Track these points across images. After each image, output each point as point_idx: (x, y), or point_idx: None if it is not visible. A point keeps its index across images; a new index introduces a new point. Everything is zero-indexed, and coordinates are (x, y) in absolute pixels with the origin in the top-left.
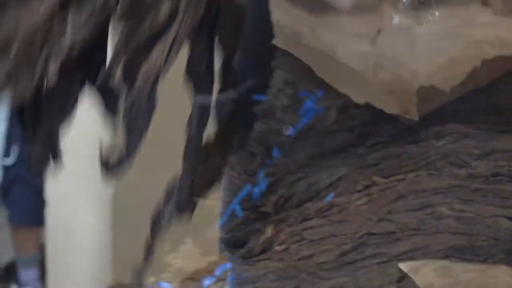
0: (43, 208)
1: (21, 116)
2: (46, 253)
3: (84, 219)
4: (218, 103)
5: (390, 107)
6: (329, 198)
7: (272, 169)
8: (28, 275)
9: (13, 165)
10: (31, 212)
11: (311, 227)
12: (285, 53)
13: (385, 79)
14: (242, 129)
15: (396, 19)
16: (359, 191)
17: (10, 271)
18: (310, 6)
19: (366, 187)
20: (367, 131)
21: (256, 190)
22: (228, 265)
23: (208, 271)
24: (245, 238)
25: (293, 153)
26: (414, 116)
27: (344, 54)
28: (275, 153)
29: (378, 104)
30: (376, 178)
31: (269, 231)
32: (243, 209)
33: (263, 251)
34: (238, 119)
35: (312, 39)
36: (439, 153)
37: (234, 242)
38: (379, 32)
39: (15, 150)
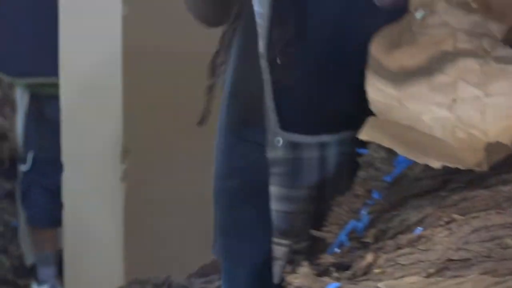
0: (59, 209)
1: None
2: (63, 252)
3: (98, 219)
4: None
5: (464, 163)
6: (418, 231)
7: (373, 208)
8: (46, 272)
9: (29, 170)
10: (47, 214)
11: (403, 254)
12: None
13: (462, 138)
14: (349, 176)
15: (468, 90)
16: (441, 225)
17: (33, 271)
18: (396, 82)
19: (447, 223)
20: (448, 178)
21: (360, 224)
22: (337, 284)
23: None
24: (350, 262)
25: (389, 195)
26: (484, 168)
27: (428, 119)
28: (375, 195)
29: (453, 163)
30: (455, 216)
31: (369, 258)
32: (349, 239)
33: (364, 273)
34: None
35: (401, 111)
36: (505, 196)
37: (342, 266)
38: (454, 100)
39: (30, 157)
